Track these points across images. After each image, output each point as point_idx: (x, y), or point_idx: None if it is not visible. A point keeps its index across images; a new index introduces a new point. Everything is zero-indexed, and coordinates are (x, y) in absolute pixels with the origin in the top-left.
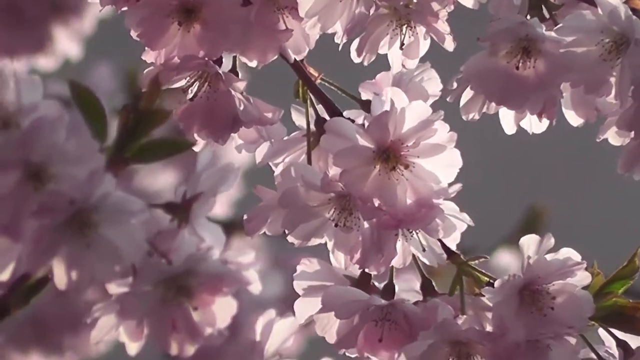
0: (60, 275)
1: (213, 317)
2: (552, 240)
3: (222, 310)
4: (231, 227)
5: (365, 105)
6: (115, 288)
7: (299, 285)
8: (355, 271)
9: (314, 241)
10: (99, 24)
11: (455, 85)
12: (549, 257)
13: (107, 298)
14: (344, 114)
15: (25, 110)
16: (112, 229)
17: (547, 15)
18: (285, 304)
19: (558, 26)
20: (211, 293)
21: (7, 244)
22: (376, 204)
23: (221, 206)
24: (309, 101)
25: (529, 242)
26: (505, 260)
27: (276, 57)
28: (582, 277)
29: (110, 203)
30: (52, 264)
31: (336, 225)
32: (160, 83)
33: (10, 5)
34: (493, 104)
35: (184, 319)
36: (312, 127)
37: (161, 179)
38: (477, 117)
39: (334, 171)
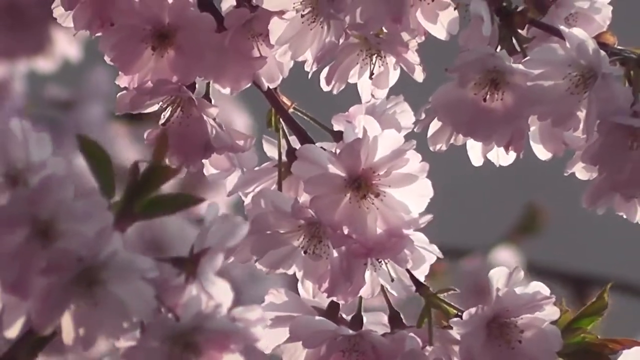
0: (68, 331)
1: None
2: (522, 274)
3: None
4: None
5: (338, 136)
6: (122, 342)
7: (266, 316)
8: (324, 302)
9: (282, 270)
10: None
11: (423, 115)
12: (518, 290)
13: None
14: (317, 144)
15: (33, 168)
16: (120, 286)
17: (517, 48)
18: None
19: (526, 59)
20: (219, 350)
21: (15, 301)
22: (346, 232)
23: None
24: (281, 131)
25: (499, 274)
26: (503, 258)
27: (249, 84)
28: (550, 312)
29: (119, 260)
30: (60, 319)
31: (305, 253)
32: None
33: (10, 7)
34: (460, 135)
35: None
36: (284, 157)
37: None
38: (444, 148)
39: (304, 199)
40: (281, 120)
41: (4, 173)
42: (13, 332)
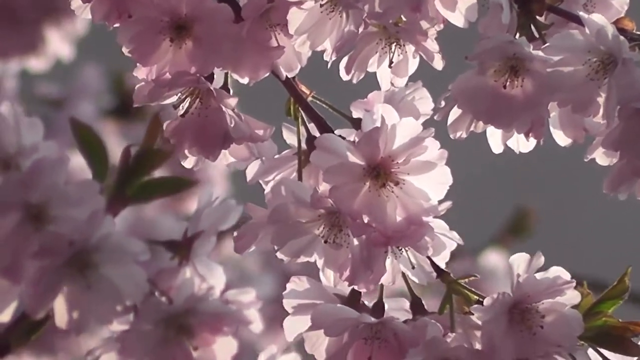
0: (61, 314)
1: (213, 357)
2: (542, 259)
3: (222, 350)
4: None
5: (357, 124)
6: (116, 325)
7: (288, 304)
8: (345, 289)
9: (303, 258)
10: (90, 25)
11: (443, 103)
12: (538, 275)
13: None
14: (335, 132)
15: (25, 152)
16: (112, 270)
17: (536, 35)
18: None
19: (545, 45)
20: (212, 332)
21: (8, 285)
22: (366, 221)
23: None
24: (300, 119)
25: (519, 260)
26: (492, 260)
27: (268, 74)
28: (571, 296)
29: (111, 244)
30: (53, 303)
31: (325, 242)
32: (161, 122)
33: (2, 7)
34: (480, 122)
35: (185, 359)
36: (303, 145)
37: None
38: (464, 135)
39: (324, 188)
40: (300, 108)
41: None
42: (5, 316)
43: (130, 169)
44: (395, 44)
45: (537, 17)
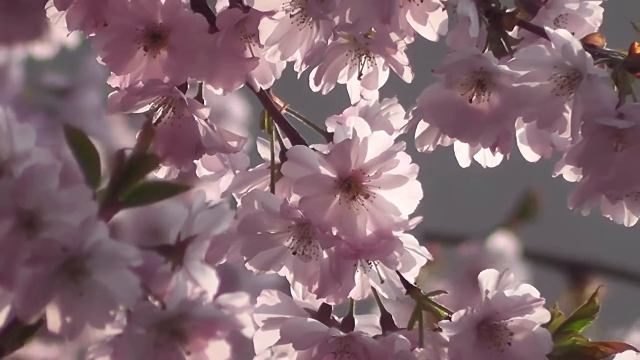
0: (54, 320)
1: None
2: (512, 276)
3: (215, 354)
4: None
5: (331, 138)
6: (109, 330)
7: (258, 318)
8: (316, 304)
9: (272, 270)
10: None
11: (410, 116)
12: (507, 292)
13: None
14: (310, 146)
15: (18, 158)
16: (105, 276)
17: (507, 49)
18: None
19: (511, 60)
20: (205, 337)
21: (0, 290)
22: (335, 233)
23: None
24: (274, 132)
25: (488, 276)
26: (500, 244)
27: (242, 85)
28: (540, 315)
29: (103, 250)
30: (45, 309)
31: (294, 254)
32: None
33: None
34: (447, 136)
35: None
36: (277, 158)
37: None
38: (431, 149)
39: (294, 199)
40: (274, 121)
41: None
42: None
43: (123, 174)
44: (365, 55)
45: (508, 31)
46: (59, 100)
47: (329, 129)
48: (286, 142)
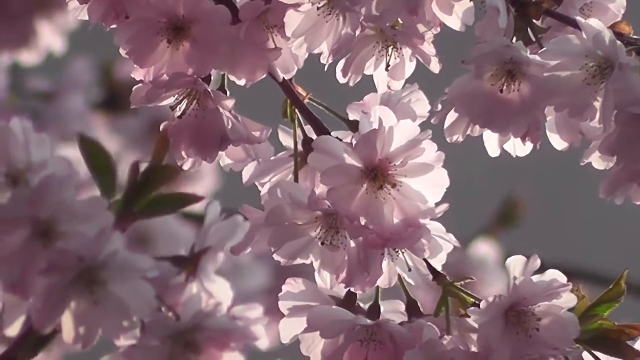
0: (69, 330)
1: None
2: (539, 262)
3: None
4: None
5: (353, 126)
6: (123, 340)
7: (283, 305)
8: (341, 291)
9: (300, 260)
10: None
11: (439, 107)
12: (534, 278)
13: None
14: (332, 134)
15: (34, 168)
16: (120, 286)
17: (533, 38)
18: (270, 295)
19: (542, 50)
20: (218, 348)
21: (16, 300)
22: (363, 223)
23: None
24: (296, 121)
25: (515, 262)
26: (482, 250)
27: (265, 75)
28: (567, 299)
29: (119, 260)
30: (60, 318)
31: (322, 244)
32: (168, 139)
33: None
34: (477, 126)
35: None
36: (300, 147)
37: None
38: (460, 139)
39: (321, 190)
40: (296, 110)
41: (4, 173)
42: (13, 330)
43: (138, 185)
44: (392, 47)
45: (534, 20)
46: (44, 104)
47: (351, 116)
48: (308, 129)
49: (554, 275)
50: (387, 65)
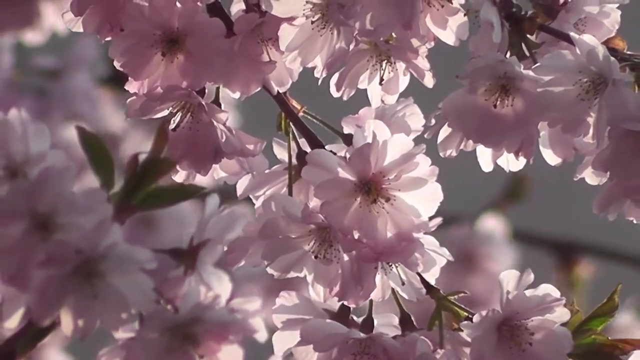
0: (68, 322)
1: None
2: (532, 276)
3: (228, 358)
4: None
5: (348, 139)
6: (121, 333)
7: (277, 319)
8: (334, 305)
9: (293, 274)
10: None
11: (433, 121)
12: (528, 292)
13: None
14: (326, 147)
15: (33, 160)
16: (119, 278)
17: (527, 53)
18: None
19: (536, 65)
20: (217, 341)
21: (14, 292)
22: (356, 237)
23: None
24: (291, 134)
25: (509, 277)
26: (489, 225)
27: (259, 89)
28: (561, 314)
29: (117, 252)
30: (59, 311)
31: (316, 257)
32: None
33: None
34: (470, 141)
35: None
36: (294, 160)
37: None
38: (454, 153)
39: (314, 203)
40: (291, 123)
41: (3, 166)
42: (12, 323)
43: (137, 177)
44: (386, 61)
45: (528, 35)
46: (50, 82)
47: (345, 130)
48: (302, 143)
49: (547, 289)
50: (381, 79)
